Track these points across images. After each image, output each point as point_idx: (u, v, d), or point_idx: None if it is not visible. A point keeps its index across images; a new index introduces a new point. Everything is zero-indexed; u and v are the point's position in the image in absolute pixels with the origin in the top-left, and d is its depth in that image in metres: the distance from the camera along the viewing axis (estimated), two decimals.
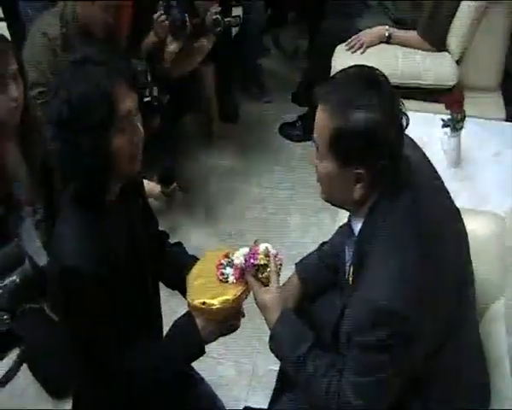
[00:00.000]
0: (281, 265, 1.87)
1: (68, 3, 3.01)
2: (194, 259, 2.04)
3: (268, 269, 1.84)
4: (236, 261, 1.84)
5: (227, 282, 1.85)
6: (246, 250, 1.85)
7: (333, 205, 1.82)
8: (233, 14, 3.64)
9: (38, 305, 2.38)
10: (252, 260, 1.82)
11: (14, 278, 2.24)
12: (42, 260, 2.30)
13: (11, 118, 2.32)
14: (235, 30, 3.92)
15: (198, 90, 3.91)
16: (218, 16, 3.48)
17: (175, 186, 2.74)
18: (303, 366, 1.78)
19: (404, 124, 1.65)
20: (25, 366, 2.70)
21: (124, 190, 1.83)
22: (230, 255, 1.88)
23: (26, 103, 2.36)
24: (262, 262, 1.83)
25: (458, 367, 1.77)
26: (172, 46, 3.40)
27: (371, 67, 1.71)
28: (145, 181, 2.14)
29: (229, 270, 1.86)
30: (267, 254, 1.84)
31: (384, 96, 1.61)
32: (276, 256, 1.86)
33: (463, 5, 3.43)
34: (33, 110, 2.46)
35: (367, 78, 1.66)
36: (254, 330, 2.84)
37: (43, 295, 2.36)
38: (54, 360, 2.54)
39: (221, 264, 1.87)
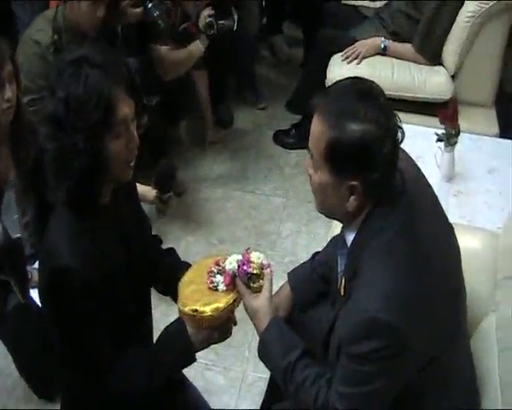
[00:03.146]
0: (271, 277, 1.87)
1: (59, 9, 3.01)
2: (187, 265, 2.02)
3: (260, 280, 1.84)
4: (229, 267, 1.82)
5: (217, 290, 1.84)
6: (238, 257, 1.85)
7: (326, 217, 1.83)
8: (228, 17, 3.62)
9: (6, 278, 2.37)
10: (245, 268, 1.81)
11: None
12: (15, 232, 2.28)
13: (4, 119, 2.32)
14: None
15: (191, 95, 3.91)
16: (211, 19, 3.48)
17: (171, 194, 2.72)
18: (291, 374, 1.78)
19: (400, 137, 1.66)
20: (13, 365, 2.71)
21: (116, 194, 1.83)
22: (221, 263, 1.87)
23: (18, 105, 2.36)
24: (255, 271, 1.82)
25: (449, 380, 1.78)
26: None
27: (368, 80, 1.71)
28: (139, 185, 2.13)
29: (219, 278, 1.84)
30: (261, 265, 1.84)
31: (380, 109, 1.62)
32: (268, 267, 1.86)
33: (459, 20, 3.46)
34: (25, 113, 2.46)
35: (364, 90, 1.66)
36: (245, 338, 2.85)
37: (12, 269, 2.35)
38: (41, 361, 2.54)
39: (211, 271, 1.86)
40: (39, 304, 1.90)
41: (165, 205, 2.76)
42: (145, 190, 2.66)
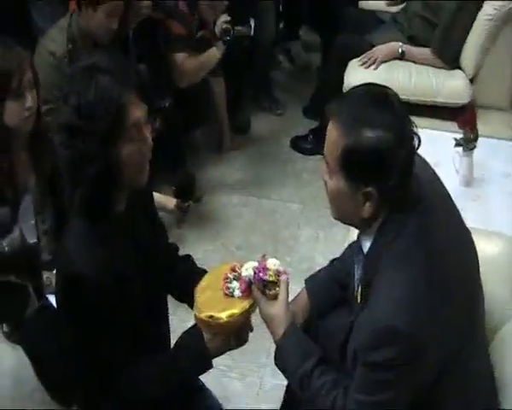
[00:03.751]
0: (288, 284, 1.86)
1: (73, 18, 3.03)
2: (203, 272, 2.03)
3: (276, 288, 1.83)
4: (245, 273, 1.82)
5: (233, 296, 1.83)
6: (254, 264, 1.84)
7: (343, 223, 1.82)
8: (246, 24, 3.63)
9: (23, 282, 2.38)
10: (261, 275, 1.81)
11: (3, 244, 2.21)
12: (32, 237, 2.29)
13: (24, 127, 2.34)
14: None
15: (208, 101, 3.92)
16: (227, 25, 3.49)
17: (191, 202, 2.70)
18: (308, 381, 1.77)
19: (416, 144, 1.65)
20: (32, 370, 2.72)
21: (132, 201, 1.83)
22: (237, 269, 1.87)
23: (38, 113, 2.38)
24: (271, 279, 1.81)
25: (466, 387, 1.76)
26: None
27: (383, 86, 1.71)
28: (159, 195, 2.13)
29: (235, 284, 1.84)
30: (277, 273, 1.83)
31: (396, 116, 1.61)
32: (284, 273, 1.85)
33: (478, 23, 3.44)
34: (45, 121, 2.48)
35: (379, 96, 1.66)
36: (262, 344, 2.83)
37: (29, 274, 2.36)
38: (60, 366, 2.55)
39: (227, 278, 1.86)
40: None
41: (184, 214, 2.74)
42: (164, 200, 2.65)
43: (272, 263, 1.83)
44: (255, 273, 1.81)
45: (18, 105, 2.27)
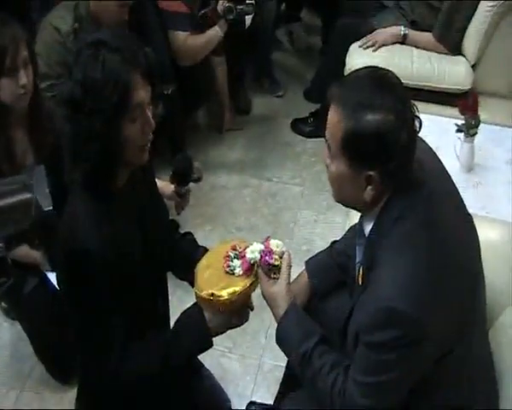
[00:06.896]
0: (290, 266, 1.87)
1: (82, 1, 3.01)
2: (204, 250, 2.04)
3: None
4: (250, 256, 1.82)
5: (233, 274, 1.84)
6: (260, 246, 1.84)
7: (344, 206, 1.82)
8: (246, 2, 3.60)
9: (36, 250, 2.39)
10: (267, 258, 1.81)
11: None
12: (46, 204, 2.30)
13: (19, 104, 2.33)
14: (248, 21, 3.87)
15: (209, 80, 3.91)
16: (230, 4, 3.47)
17: (189, 187, 2.68)
18: (309, 361, 1.78)
19: (417, 127, 1.65)
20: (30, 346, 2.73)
21: (133, 178, 1.84)
22: (238, 247, 1.88)
23: (35, 91, 2.37)
24: (276, 263, 1.82)
25: (466, 373, 1.77)
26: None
27: (385, 69, 1.70)
28: (157, 180, 2.12)
29: (236, 262, 1.85)
30: (281, 256, 1.84)
31: (397, 99, 1.61)
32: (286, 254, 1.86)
33: (480, 9, 3.42)
34: (42, 98, 2.47)
35: (380, 79, 1.65)
36: (261, 326, 2.85)
37: (44, 241, 2.35)
38: (58, 342, 2.56)
39: (228, 256, 1.87)
40: (56, 287, 1.91)
41: (183, 199, 2.73)
42: (163, 185, 2.63)
43: (275, 244, 1.84)
44: (261, 257, 1.82)
45: (12, 82, 2.27)
